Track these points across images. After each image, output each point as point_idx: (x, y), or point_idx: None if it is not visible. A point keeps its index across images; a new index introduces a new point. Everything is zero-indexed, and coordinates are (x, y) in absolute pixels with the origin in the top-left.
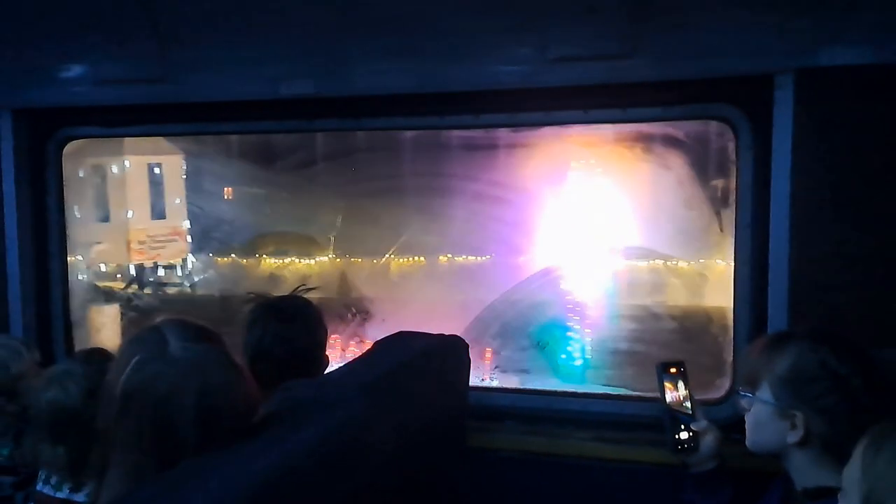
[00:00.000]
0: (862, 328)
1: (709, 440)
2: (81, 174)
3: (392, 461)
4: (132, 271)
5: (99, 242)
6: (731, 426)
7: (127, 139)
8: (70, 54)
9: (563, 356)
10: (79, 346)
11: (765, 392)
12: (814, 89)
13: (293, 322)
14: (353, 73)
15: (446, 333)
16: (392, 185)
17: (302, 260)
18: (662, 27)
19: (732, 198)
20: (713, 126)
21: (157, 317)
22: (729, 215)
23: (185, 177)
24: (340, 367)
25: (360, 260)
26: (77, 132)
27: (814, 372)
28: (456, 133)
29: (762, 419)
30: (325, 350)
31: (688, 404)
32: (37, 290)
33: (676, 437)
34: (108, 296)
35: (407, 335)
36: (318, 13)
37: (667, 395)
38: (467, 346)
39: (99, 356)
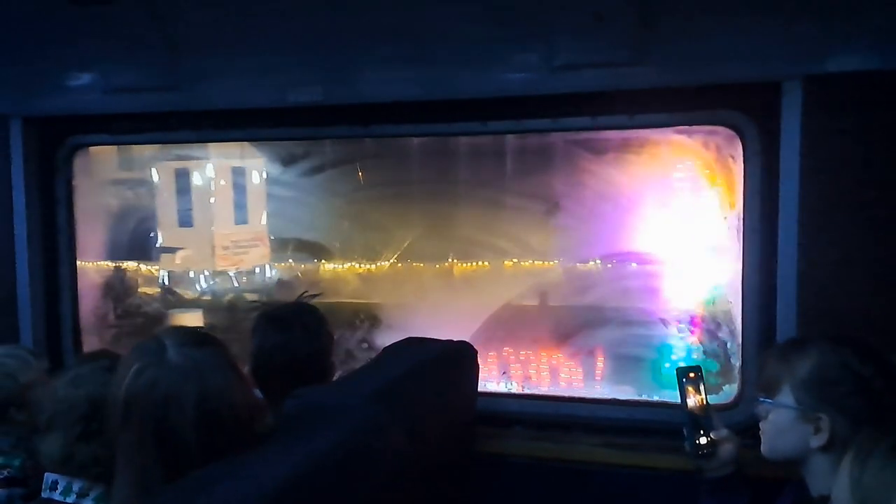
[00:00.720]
0: (871, 334)
1: (728, 447)
2: (158, 178)
3: (402, 467)
4: (198, 278)
5: (182, 248)
6: (742, 431)
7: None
8: (80, 63)
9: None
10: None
11: (786, 397)
12: (821, 96)
13: (292, 330)
14: (362, 81)
15: (454, 339)
16: (445, 189)
17: (362, 264)
18: (669, 34)
19: None
20: None
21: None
22: None
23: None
24: (350, 374)
25: (421, 265)
26: (87, 140)
27: (837, 373)
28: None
29: (783, 425)
30: (329, 357)
31: (706, 409)
32: (46, 297)
33: (697, 441)
34: (190, 302)
35: (416, 341)
36: (327, 22)
37: (686, 401)
38: (475, 351)
39: (104, 356)
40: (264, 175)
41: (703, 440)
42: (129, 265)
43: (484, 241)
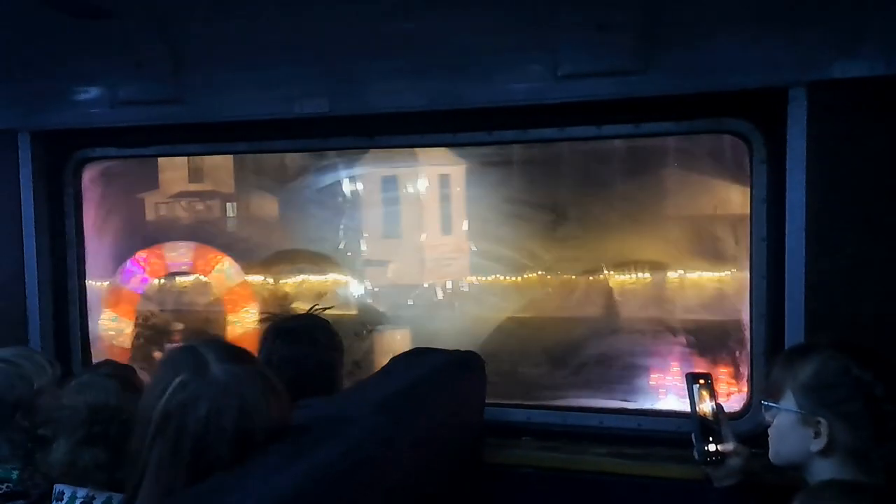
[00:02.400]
0: (879, 341)
1: (736, 456)
2: (361, 187)
3: (409, 478)
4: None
5: (390, 260)
6: (751, 440)
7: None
8: (87, 77)
9: None
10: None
11: (788, 401)
12: (827, 102)
13: (300, 343)
14: (367, 92)
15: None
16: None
17: (508, 277)
18: (674, 43)
19: None
20: None
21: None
22: None
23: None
24: (356, 384)
25: (573, 277)
26: (94, 153)
27: (837, 378)
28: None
29: (785, 428)
30: (338, 370)
31: (716, 416)
32: (55, 309)
33: (706, 448)
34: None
35: (423, 351)
36: (332, 33)
37: (695, 408)
38: (483, 361)
39: (107, 367)
40: (464, 182)
41: (711, 447)
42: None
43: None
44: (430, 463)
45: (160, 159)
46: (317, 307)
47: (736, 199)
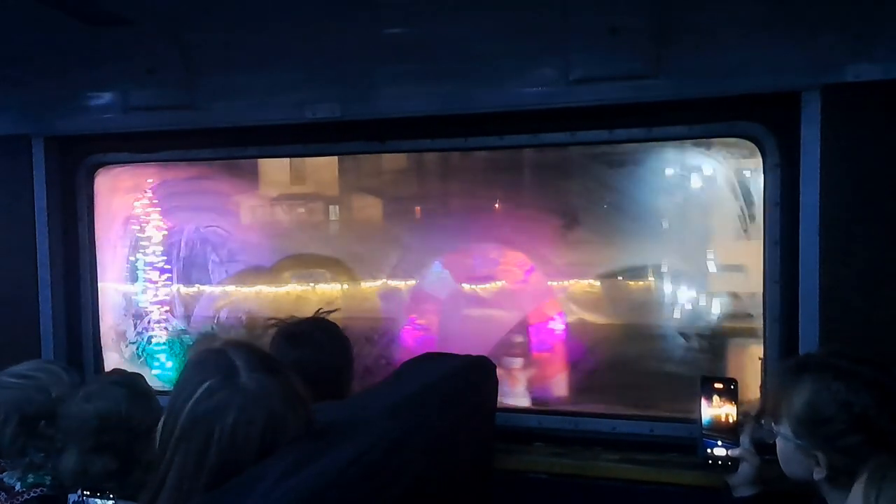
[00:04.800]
0: (893, 345)
1: (746, 465)
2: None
3: (420, 483)
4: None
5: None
6: (766, 447)
7: None
8: (100, 83)
9: None
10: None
11: (785, 428)
12: (840, 106)
13: (302, 346)
14: (379, 97)
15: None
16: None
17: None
18: (686, 46)
19: None
20: None
21: None
22: None
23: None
24: (368, 389)
25: None
26: (107, 158)
27: (829, 411)
28: None
29: (787, 454)
30: (345, 373)
31: (732, 423)
32: (67, 315)
33: (710, 451)
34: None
35: (434, 356)
36: (343, 38)
37: (705, 411)
38: (494, 366)
39: (116, 375)
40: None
41: (720, 451)
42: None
43: None
44: (442, 468)
45: (260, 162)
46: (322, 310)
47: None
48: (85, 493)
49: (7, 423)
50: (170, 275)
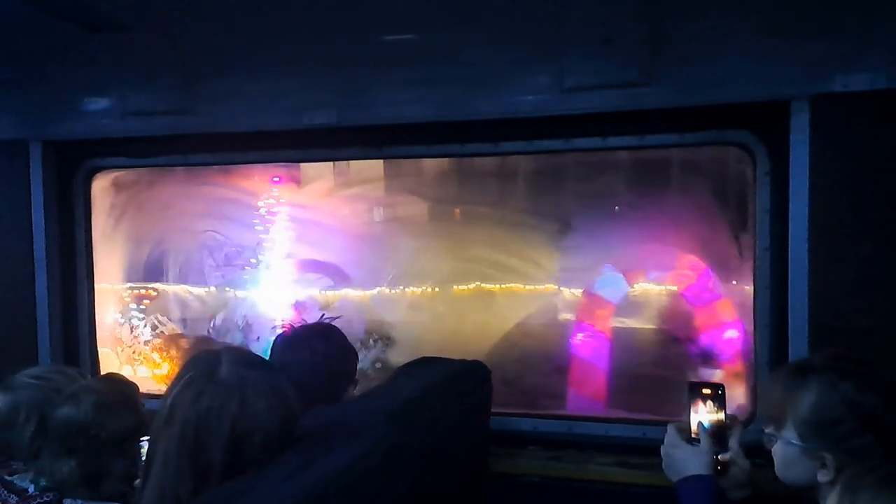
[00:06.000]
0: (885, 353)
1: (736, 469)
2: None
3: (416, 487)
4: None
5: None
6: (757, 451)
7: None
8: (98, 87)
9: None
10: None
11: (790, 432)
12: (829, 115)
13: (297, 352)
14: (375, 103)
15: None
16: None
17: None
18: (679, 55)
19: None
20: None
21: None
22: None
23: None
24: (364, 394)
25: None
26: (104, 163)
27: (838, 412)
28: None
29: (790, 459)
30: (340, 379)
31: (719, 428)
32: (64, 317)
33: None
34: None
35: (429, 360)
36: (341, 45)
37: (693, 416)
38: (489, 371)
39: (114, 378)
40: None
41: None
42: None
43: None
44: (437, 472)
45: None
46: (325, 316)
47: None
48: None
49: (28, 423)
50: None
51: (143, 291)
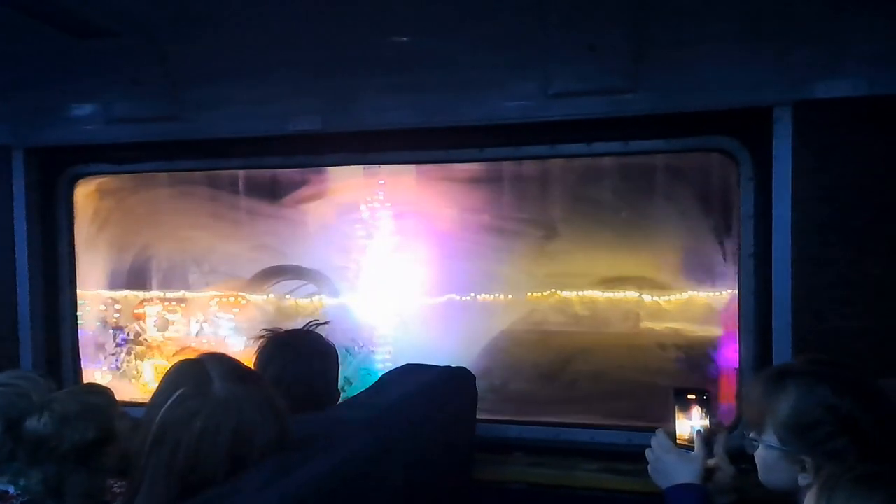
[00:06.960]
0: (867, 357)
1: (721, 474)
2: None
3: (400, 494)
4: None
5: None
6: (741, 456)
7: None
8: (82, 94)
9: None
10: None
11: (770, 436)
12: (811, 121)
13: (291, 357)
14: (360, 109)
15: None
16: None
17: None
18: (663, 62)
19: None
20: None
21: None
22: None
23: None
24: (347, 401)
25: None
26: (88, 170)
27: (816, 415)
28: None
29: (771, 462)
30: (322, 387)
31: (698, 434)
32: (46, 324)
33: None
34: None
35: (414, 367)
36: (325, 52)
37: (678, 423)
38: (474, 377)
39: (85, 388)
40: None
41: None
42: None
43: None
44: (422, 479)
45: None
46: (312, 322)
47: None
48: None
49: None
50: None
51: (231, 300)
